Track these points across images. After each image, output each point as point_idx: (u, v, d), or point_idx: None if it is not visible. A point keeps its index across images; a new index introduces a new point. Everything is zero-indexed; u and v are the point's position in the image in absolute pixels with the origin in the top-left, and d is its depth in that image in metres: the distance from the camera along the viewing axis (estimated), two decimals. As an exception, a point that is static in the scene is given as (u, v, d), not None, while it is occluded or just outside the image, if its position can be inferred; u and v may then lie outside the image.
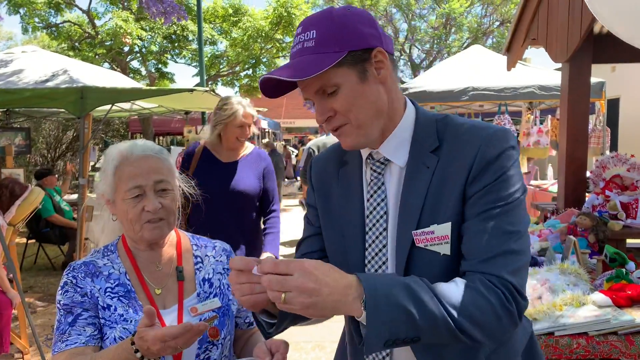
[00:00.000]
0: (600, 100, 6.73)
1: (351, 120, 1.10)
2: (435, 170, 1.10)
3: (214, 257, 1.52)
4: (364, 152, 1.22)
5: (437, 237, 1.08)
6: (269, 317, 1.15)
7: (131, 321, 1.31)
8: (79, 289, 1.33)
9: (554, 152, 7.57)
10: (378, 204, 1.17)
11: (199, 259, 1.49)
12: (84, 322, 1.30)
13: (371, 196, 1.19)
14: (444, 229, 1.08)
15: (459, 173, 1.08)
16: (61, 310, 1.32)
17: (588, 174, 4.08)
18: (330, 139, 5.08)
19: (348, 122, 1.10)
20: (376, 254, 1.18)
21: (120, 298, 1.34)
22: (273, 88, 1.13)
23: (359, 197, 1.21)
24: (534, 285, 2.37)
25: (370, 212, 1.18)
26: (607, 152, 6.49)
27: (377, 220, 1.17)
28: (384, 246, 1.17)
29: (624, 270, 2.51)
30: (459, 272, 1.08)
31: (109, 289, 1.34)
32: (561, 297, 2.17)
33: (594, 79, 4.60)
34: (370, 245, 1.18)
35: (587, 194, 3.99)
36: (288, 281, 0.90)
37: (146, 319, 1.13)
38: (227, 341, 1.43)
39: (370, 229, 1.18)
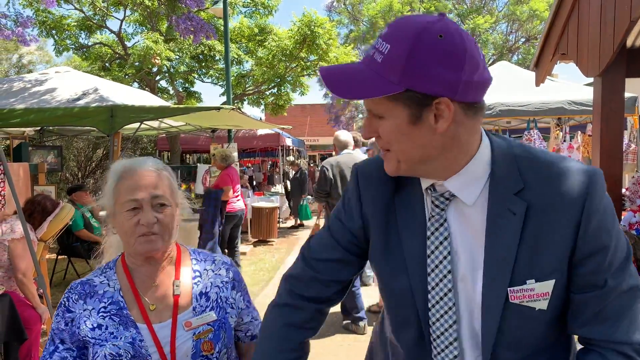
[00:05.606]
0: (633, 116, 6.55)
1: (393, 151, 1.02)
2: (525, 219, 0.99)
3: (213, 271, 1.50)
4: (424, 182, 1.10)
5: (537, 294, 1.00)
6: None
7: (121, 337, 1.32)
8: (67, 315, 1.37)
9: (585, 169, 7.34)
10: (440, 243, 1.07)
11: (197, 273, 1.48)
12: (58, 357, 1.35)
13: (432, 233, 1.08)
14: (546, 287, 1.00)
15: (561, 227, 0.98)
16: (51, 332, 1.39)
17: (623, 190, 3.95)
18: (343, 158, 4.93)
19: (391, 149, 1.03)
20: (441, 299, 1.08)
21: (112, 317, 1.35)
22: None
23: (422, 230, 1.10)
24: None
25: (432, 252, 1.08)
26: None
27: (440, 262, 1.07)
28: (449, 290, 1.07)
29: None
30: (552, 326, 1.05)
31: (102, 309, 1.36)
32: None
33: (626, 94, 4.47)
34: (434, 289, 1.08)
35: (622, 212, 3.86)
36: None
37: None
38: (223, 355, 1.41)
39: (432, 270, 1.08)
